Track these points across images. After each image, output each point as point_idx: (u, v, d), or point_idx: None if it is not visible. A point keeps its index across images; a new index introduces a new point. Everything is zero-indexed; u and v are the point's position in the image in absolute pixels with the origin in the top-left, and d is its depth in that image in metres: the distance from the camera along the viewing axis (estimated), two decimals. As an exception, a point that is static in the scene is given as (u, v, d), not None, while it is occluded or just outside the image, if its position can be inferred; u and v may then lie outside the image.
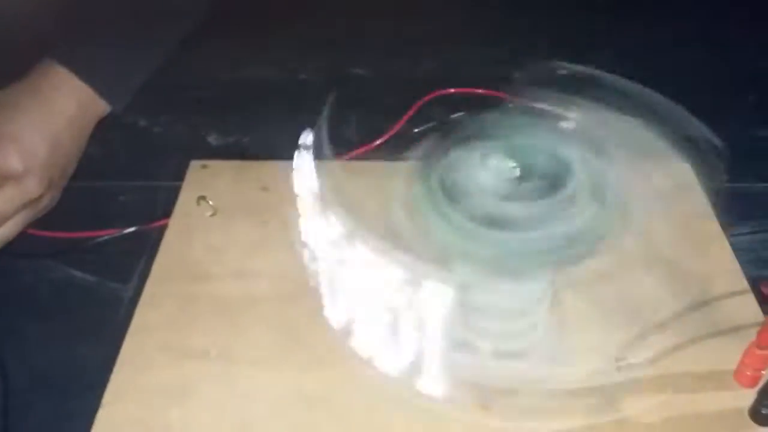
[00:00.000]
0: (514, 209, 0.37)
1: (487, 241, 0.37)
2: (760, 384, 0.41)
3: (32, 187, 0.51)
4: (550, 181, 0.39)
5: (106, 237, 0.53)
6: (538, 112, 0.43)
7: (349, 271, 0.46)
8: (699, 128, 0.43)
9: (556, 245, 0.37)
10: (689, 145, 0.44)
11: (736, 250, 0.51)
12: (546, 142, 0.41)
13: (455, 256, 0.39)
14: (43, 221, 0.53)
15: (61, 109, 0.55)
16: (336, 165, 0.54)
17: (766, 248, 0.54)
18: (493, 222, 0.37)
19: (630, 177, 0.41)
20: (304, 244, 0.49)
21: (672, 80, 0.44)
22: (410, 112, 0.63)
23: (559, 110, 0.43)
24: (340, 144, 0.57)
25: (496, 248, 0.37)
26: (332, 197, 0.47)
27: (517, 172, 0.40)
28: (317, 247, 0.48)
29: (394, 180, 0.42)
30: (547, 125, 0.43)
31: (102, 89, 0.57)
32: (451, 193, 0.38)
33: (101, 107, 0.58)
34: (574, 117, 0.43)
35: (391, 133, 0.61)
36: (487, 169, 0.39)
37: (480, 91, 0.65)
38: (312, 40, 0.73)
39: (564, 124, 0.43)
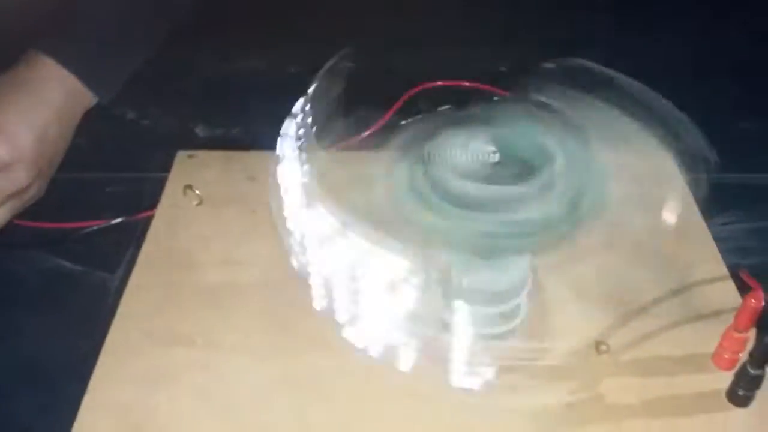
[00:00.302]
0: (491, 192, 0.38)
1: (465, 223, 0.37)
2: (737, 366, 0.41)
3: (19, 177, 0.51)
4: (529, 168, 0.40)
5: (93, 227, 0.53)
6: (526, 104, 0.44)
7: (339, 261, 0.46)
8: (697, 140, 0.43)
9: (532, 229, 0.38)
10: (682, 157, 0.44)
11: (719, 239, 0.51)
12: (528, 130, 0.42)
13: (437, 240, 0.40)
14: (30, 212, 0.54)
15: (49, 99, 0.55)
16: (323, 155, 0.54)
17: (747, 238, 0.54)
18: (471, 204, 0.38)
19: (610, 164, 0.42)
20: (291, 235, 0.49)
21: (671, 79, 0.45)
22: (397, 105, 0.63)
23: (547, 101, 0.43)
24: (328, 135, 0.57)
25: (473, 229, 0.37)
26: (319, 187, 0.47)
27: (497, 158, 0.40)
28: (306, 238, 0.48)
29: (377, 168, 0.43)
30: (531, 116, 0.43)
31: (89, 80, 0.58)
32: (431, 176, 0.39)
33: (88, 98, 0.58)
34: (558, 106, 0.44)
35: (379, 124, 0.61)
36: (467, 153, 0.40)
37: (467, 84, 0.66)
38: (301, 34, 0.74)
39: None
